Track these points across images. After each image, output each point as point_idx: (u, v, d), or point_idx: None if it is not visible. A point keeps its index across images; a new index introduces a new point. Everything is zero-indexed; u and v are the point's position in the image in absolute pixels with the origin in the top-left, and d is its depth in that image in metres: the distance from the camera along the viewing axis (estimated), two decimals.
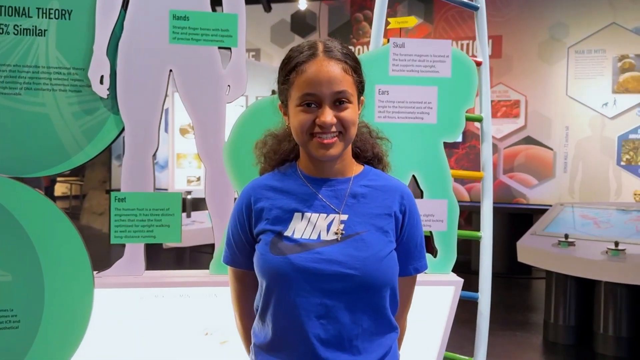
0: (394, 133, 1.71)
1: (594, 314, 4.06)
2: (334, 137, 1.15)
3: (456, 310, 2.01)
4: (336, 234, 1.17)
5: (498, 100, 6.86)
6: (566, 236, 4.13)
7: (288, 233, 1.18)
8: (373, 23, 2.13)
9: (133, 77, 1.81)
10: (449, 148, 6.97)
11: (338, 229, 1.17)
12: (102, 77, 1.79)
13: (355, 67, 1.19)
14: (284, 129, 1.29)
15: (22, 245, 1.73)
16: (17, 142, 1.75)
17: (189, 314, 1.86)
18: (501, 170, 6.88)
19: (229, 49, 1.88)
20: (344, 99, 1.15)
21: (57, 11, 1.77)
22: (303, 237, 1.17)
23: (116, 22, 1.80)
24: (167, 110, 6.02)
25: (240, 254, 1.27)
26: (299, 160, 1.27)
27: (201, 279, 1.86)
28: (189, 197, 5.44)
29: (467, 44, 6.91)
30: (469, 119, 2.16)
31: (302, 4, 7.60)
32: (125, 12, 1.81)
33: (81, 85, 1.80)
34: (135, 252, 1.85)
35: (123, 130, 1.82)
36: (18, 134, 1.75)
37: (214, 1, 1.87)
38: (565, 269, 4.03)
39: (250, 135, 1.44)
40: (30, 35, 1.76)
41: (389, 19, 2.18)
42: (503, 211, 6.45)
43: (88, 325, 1.78)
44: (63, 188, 11.96)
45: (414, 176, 2.00)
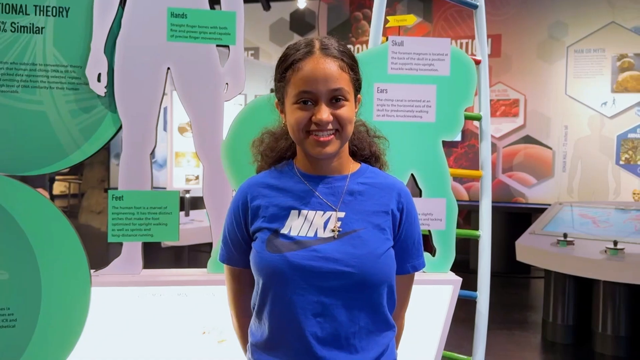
0: (393, 132, 1.71)
1: (593, 313, 4.06)
2: (331, 135, 1.15)
3: (455, 309, 2.01)
4: (333, 231, 1.17)
5: (497, 100, 6.85)
6: (565, 235, 4.13)
7: (284, 231, 1.17)
8: (372, 21, 2.12)
9: (131, 75, 1.80)
10: (448, 147, 6.97)
11: (335, 227, 1.17)
12: (100, 75, 1.78)
13: (351, 65, 1.18)
14: (280, 126, 1.29)
15: (19, 244, 1.72)
16: (14, 140, 1.74)
17: (187, 312, 1.85)
18: (500, 169, 6.88)
19: (227, 47, 1.88)
20: (340, 97, 1.15)
21: (55, 8, 1.76)
22: (300, 235, 1.16)
23: (114, 20, 1.79)
24: (166, 108, 6.01)
25: (236, 252, 1.27)
26: (296, 158, 1.26)
27: (199, 277, 1.85)
28: (188, 196, 5.43)
29: (467, 43, 6.91)
30: (468, 118, 2.15)
31: (301, 2, 7.59)
32: (122, 10, 1.80)
33: (78, 83, 1.79)
34: (132, 251, 1.84)
35: (120, 128, 1.82)
36: (15, 131, 1.74)
37: None
38: (564, 268, 4.03)
39: (248, 134, 1.43)
40: (27, 32, 1.75)
41: (388, 18, 2.17)
42: (502, 210, 6.45)
43: (85, 324, 1.77)
44: (61, 187, 11.94)
45: (412, 175, 2.00)
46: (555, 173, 6.71)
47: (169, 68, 1.83)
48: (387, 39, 1.98)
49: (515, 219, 6.42)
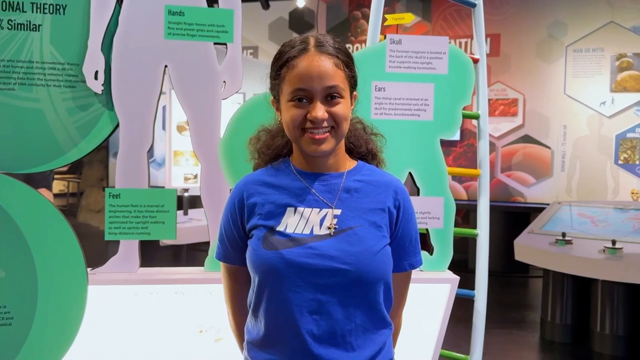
0: (391, 130, 1.71)
1: (591, 313, 4.06)
2: (326, 133, 1.14)
3: (453, 308, 2.01)
4: (329, 228, 1.16)
5: (496, 99, 6.85)
6: (563, 235, 4.13)
7: (280, 228, 1.17)
8: (370, 19, 2.12)
9: (128, 73, 1.80)
10: (447, 146, 6.97)
11: (331, 224, 1.17)
12: (97, 73, 1.78)
13: (347, 62, 1.18)
14: (277, 124, 1.29)
15: (16, 242, 1.72)
16: (11, 138, 1.74)
17: (184, 311, 1.85)
18: (499, 168, 6.88)
19: (225, 44, 1.87)
20: (335, 94, 1.14)
21: (52, 6, 1.76)
22: (296, 232, 1.16)
23: (111, 17, 1.79)
24: (164, 107, 6.00)
25: (232, 250, 1.26)
26: (292, 155, 1.26)
27: (196, 276, 1.85)
28: (186, 195, 5.42)
29: (466, 42, 6.91)
30: (466, 116, 2.15)
31: (300, 1, 7.59)
32: (120, 7, 1.79)
33: (75, 81, 1.78)
34: (129, 249, 1.84)
35: (118, 126, 1.81)
36: (12, 129, 1.74)
37: None
38: (563, 268, 4.03)
39: (245, 132, 1.43)
40: (24, 30, 1.74)
41: (386, 16, 2.17)
42: (501, 210, 6.45)
43: (82, 322, 1.77)
44: (60, 185, 11.92)
45: (410, 173, 2.00)
46: (554, 172, 6.71)
47: (166, 66, 1.83)
48: (385, 37, 1.98)
49: (513, 218, 6.41)
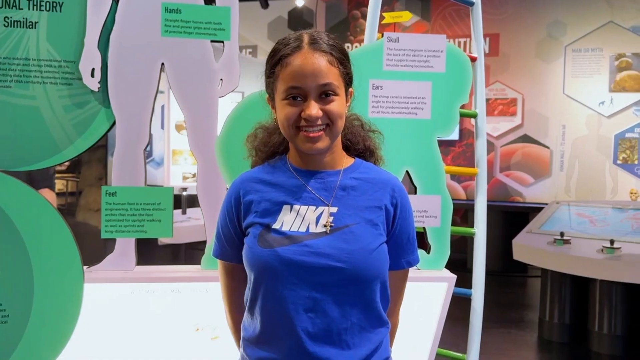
0: (388, 128, 1.70)
1: (589, 312, 4.06)
2: (320, 131, 1.14)
3: (451, 307, 2.01)
4: (325, 226, 1.16)
5: (495, 99, 6.86)
6: (562, 234, 4.13)
7: (276, 226, 1.17)
8: (367, 17, 2.12)
9: (124, 70, 1.79)
10: (446, 146, 6.98)
11: (327, 222, 1.16)
12: (93, 70, 1.77)
13: (341, 59, 1.17)
14: (273, 121, 1.28)
15: (12, 240, 1.71)
16: (7, 135, 1.73)
17: (180, 309, 1.85)
18: (498, 168, 6.88)
19: (222, 42, 1.87)
20: (329, 92, 1.13)
21: (48, 3, 1.75)
22: (291, 230, 1.16)
23: (108, 15, 1.78)
24: (163, 106, 6.00)
25: (229, 248, 1.26)
26: (289, 152, 1.26)
27: (192, 274, 1.84)
28: (185, 194, 5.42)
29: (465, 42, 6.91)
30: (463, 115, 2.15)
31: (300, 1, 7.59)
32: (116, 5, 1.79)
33: (72, 78, 1.78)
34: (126, 247, 1.83)
35: (114, 123, 1.81)
36: (8, 127, 1.73)
37: None
38: (561, 267, 4.03)
39: (242, 130, 1.42)
40: (20, 27, 1.74)
41: (384, 14, 2.16)
42: (499, 209, 6.46)
43: (78, 320, 1.76)
44: (59, 184, 11.89)
45: (407, 172, 1.99)
46: (553, 172, 6.71)
47: (163, 63, 1.82)
48: (383, 35, 1.98)
49: (512, 218, 6.42)
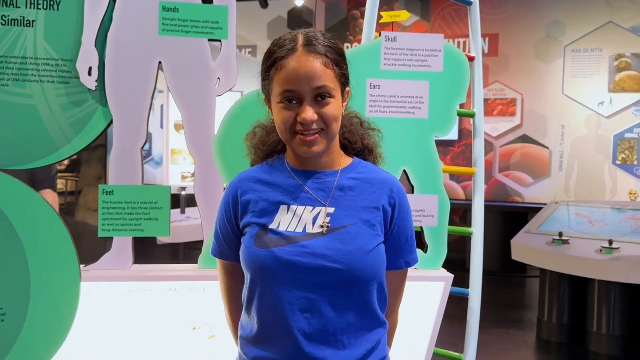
0: (385, 128, 1.69)
1: (587, 312, 4.06)
2: (315, 134, 1.13)
3: (449, 307, 2.00)
4: (322, 227, 1.15)
5: (494, 99, 6.86)
6: (560, 234, 4.13)
7: (273, 226, 1.16)
8: (365, 16, 2.11)
9: (122, 69, 1.79)
10: (445, 146, 6.98)
11: (324, 222, 1.16)
12: (90, 69, 1.77)
13: (336, 60, 1.16)
14: (270, 121, 1.28)
15: (8, 238, 1.71)
16: (4, 134, 1.73)
17: (177, 308, 1.84)
18: (497, 168, 6.88)
19: (219, 41, 1.87)
20: (325, 94, 1.13)
21: (45, 1, 1.75)
22: (288, 230, 1.16)
23: (105, 13, 1.78)
24: (162, 106, 6.00)
25: (228, 247, 1.26)
26: (287, 152, 1.25)
27: (189, 273, 1.84)
28: (183, 193, 5.43)
29: (464, 42, 6.90)
30: (461, 115, 2.15)
31: (299, 0, 7.59)
32: (114, 3, 1.78)
33: (69, 77, 1.78)
34: (123, 246, 1.83)
35: (111, 122, 1.81)
36: (5, 125, 1.73)
37: None
38: (559, 267, 4.03)
39: (239, 129, 1.42)
40: (17, 25, 1.73)
41: (381, 13, 2.16)
42: (498, 209, 6.46)
43: (74, 319, 1.76)
44: (58, 184, 11.91)
45: (404, 171, 1.99)
46: (552, 172, 6.71)
47: (160, 62, 1.82)
48: (380, 35, 1.98)
49: (511, 218, 6.42)
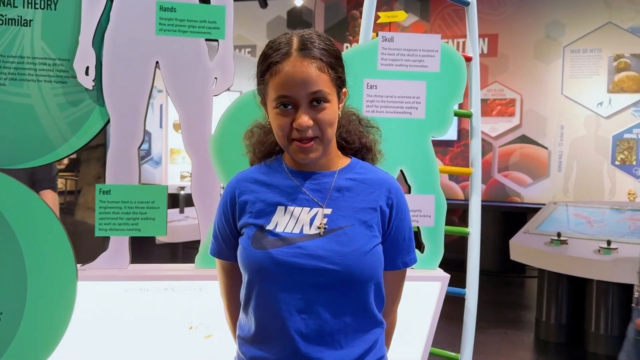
0: (382, 128, 1.69)
1: (586, 313, 4.06)
2: (311, 142, 1.13)
3: (447, 307, 2.01)
4: (319, 228, 1.15)
5: (493, 99, 6.86)
6: (559, 235, 4.13)
7: (270, 227, 1.16)
8: (362, 17, 2.11)
9: (119, 69, 1.79)
10: (444, 146, 6.98)
11: (321, 223, 1.15)
12: (88, 68, 1.77)
13: (331, 63, 1.14)
14: (267, 123, 1.27)
15: (5, 237, 1.71)
16: (1, 133, 1.73)
17: (174, 308, 1.84)
18: (496, 168, 6.89)
19: (217, 41, 1.87)
20: (320, 99, 1.12)
21: (43, 1, 1.75)
22: (285, 231, 1.15)
23: (102, 13, 1.78)
24: (162, 106, 6.00)
25: (226, 247, 1.26)
26: (285, 153, 1.25)
27: (186, 272, 1.85)
28: (182, 193, 5.42)
29: (464, 42, 6.90)
30: (458, 115, 2.15)
31: (299, 0, 7.59)
32: (111, 3, 1.79)
33: (66, 77, 1.78)
34: (120, 245, 1.83)
35: (108, 122, 1.81)
36: (2, 124, 1.73)
37: None
38: (557, 268, 4.03)
39: (236, 129, 1.42)
40: (15, 25, 1.74)
41: (379, 14, 2.16)
42: (497, 210, 6.46)
43: (71, 319, 1.76)
44: (58, 183, 11.90)
45: (401, 171, 2.00)
46: (551, 173, 6.71)
47: (157, 62, 1.83)
48: (377, 35, 1.98)
49: (510, 218, 6.42)
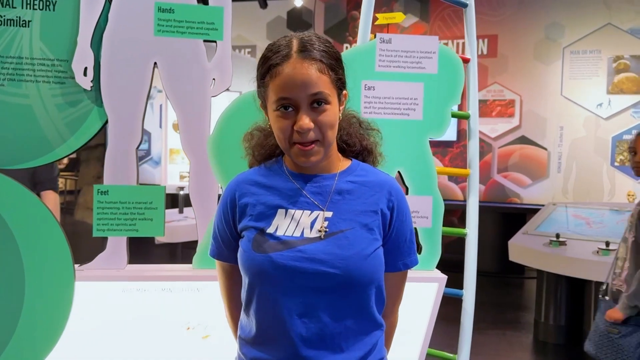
0: (380, 129, 1.70)
1: (585, 314, 4.07)
2: (312, 145, 1.12)
3: (447, 308, 2.01)
4: (320, 231, 1.15)
5: (493, 100, 6.86)
6: (557, 236, 4.14)
7: (271, 230, 1.16)
8: (360, 18, 2.12)
9: (117, 69, 1.80)
10: (444, 147, 6.98)
11: (322, 227, 1.15)
12: (86, 69, 1.77)
13: (332, 65, 1.14)
14: (268, 126, 1.27)
15: (3, 237, 1.72)
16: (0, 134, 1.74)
17: (171, 308, 1.85)
18: (495, 169, 6.89)
19: (215, 42, 1.87)
20: (321, 100, 1.11)
21: (42, 2, 1.75)
22: (286, 235, 1.15)
23: (101, 14, 1.79)
24: (161, 106, 6.01)
25: (226, 249, 1.26)
26: (285, 155, 1.24)
27: (184, 273, 1.85)
28: (182, 193, 5.43)
29: (464, 43, 6.91)
30: (456, 116, 2.15)
31: (298, 1, 7.60)
32: (110, 4, 1.79)
33: (65, 77, 1.78)
34: (117, 246, 1.84)
35: (107, 122, 1.81)
36: (0, 125, 1.74)
37: None
38: (556, 269, 4.03)
39: (234, 130, 1.43)
40: (14, 25, 1.74)
41: (377, 15, 2.17)
42: (496, 210, 6.47)
43: (68, 319, 1.76)
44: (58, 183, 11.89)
45: (399, 172, 2.00)
46: (550, 174, 6.72)
47: (155, 63, 1.83)
48: (375, 36, 1.98)
49: (509, 219, 6.42)
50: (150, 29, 1.81)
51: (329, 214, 1.17)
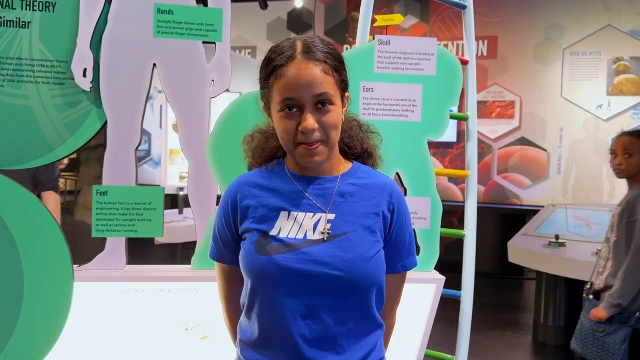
0: (379, 130, 1.71)
1: None
2: (317, 143, 1.13)
3: (446, 309, 2.01)
4: (322, 233, 1.15)
5: (493, 101, 6.87)
6: (557, 237, 4.14)
7: (274, 232, 1.16)
8: (359, 20, 2.12)
9: (116, 70, 1.80)
10: (444, 148, 6.99)
11: (324, 229, 1.16)
12: (85, 70, 1.78)
13: (336, 66, 1.15)
14: (270, 128, 1.27)
15: (2, 237, 1.72)
16: None
17: (170, 309, 1.85)
18: (495, 170, 6.89)
19: (214, 43, 1.88)
20: (325, 101, 1.12)
21: (41, 3, 1.76)
22: (289, 237, 1.15)
23: (100, 15, 1.79)
24: (161, 106, 6.01)
25: (226, 251, 1.26)
26: (287, 157, 1.25)
27: (182, 273, 1.85)
28: (181, 194, 5.43)
29: (463, 44, 6.91)
30: (454, 118, 2.16)
31: (298, 2, 7.60)
32: (109, 5, 1.80)
33: (64, 78, 1.79)
34: (116, 246, 1.84)
35: (106, 123, 1.82)
36: (0, 125, 1.75)
37: None
38: (555, 270, 4.04)
39: (234, 131, 1.43)
40: (13, 27, 1.75)
41: (376, 17, 2.17)
42: (496, 211, 6.47)
43: (67, 319, 1.77)
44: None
45: (397, 173, 2.00)
46: (550, 175, 6.72)
47: (155, 64, 1.84)
48: (374, 38, 1.99)
49: (509, 220, 6.43)
50: (149, 30, 1.82)
51: (332, 216, 1.17)
